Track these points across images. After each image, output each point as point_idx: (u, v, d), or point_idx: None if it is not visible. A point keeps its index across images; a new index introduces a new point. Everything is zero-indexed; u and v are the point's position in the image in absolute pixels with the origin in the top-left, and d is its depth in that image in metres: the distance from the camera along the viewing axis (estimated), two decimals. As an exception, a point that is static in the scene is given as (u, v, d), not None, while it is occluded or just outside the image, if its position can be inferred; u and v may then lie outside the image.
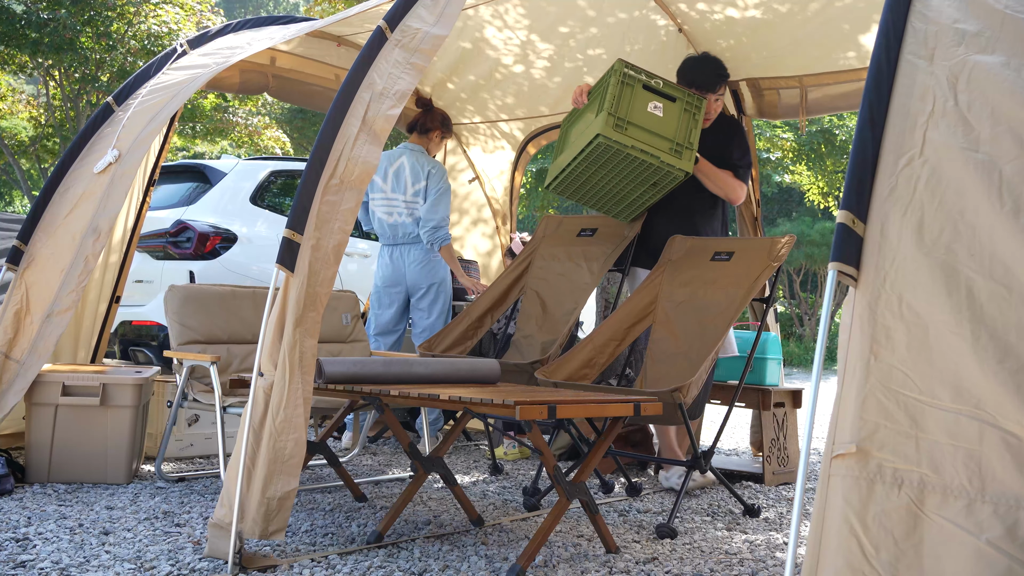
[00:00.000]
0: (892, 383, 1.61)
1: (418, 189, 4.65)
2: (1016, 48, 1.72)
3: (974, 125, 1.69)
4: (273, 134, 16.28)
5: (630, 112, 3.54)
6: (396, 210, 4.65)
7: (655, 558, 2.74)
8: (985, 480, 1.50)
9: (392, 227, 4.65)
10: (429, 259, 4.66)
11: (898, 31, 1.82)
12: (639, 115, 3.56)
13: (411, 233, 4.64)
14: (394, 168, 4.69)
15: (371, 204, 4.72)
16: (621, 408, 2.55)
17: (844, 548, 1.56)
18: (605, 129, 3.46)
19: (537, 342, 4.03)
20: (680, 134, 3.62)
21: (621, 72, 3.57)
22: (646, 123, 3.56)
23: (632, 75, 3.59)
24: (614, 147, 3.50)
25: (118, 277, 4.41)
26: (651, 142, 3.55)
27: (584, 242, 4.18)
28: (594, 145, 3.52)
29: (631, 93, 3.56)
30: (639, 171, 3.63)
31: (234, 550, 2.39)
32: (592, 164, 3.65)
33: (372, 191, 4.71)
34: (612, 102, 3.51)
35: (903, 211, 1.69)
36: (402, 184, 4.65)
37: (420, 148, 4.76)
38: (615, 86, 3.54)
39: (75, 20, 12.44)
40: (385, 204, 4.67)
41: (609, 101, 3.51)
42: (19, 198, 24.86)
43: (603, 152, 3.55)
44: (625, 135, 3.51)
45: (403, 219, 4.63)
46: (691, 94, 3.72)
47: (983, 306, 1.57)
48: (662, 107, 3.61)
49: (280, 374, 2.45)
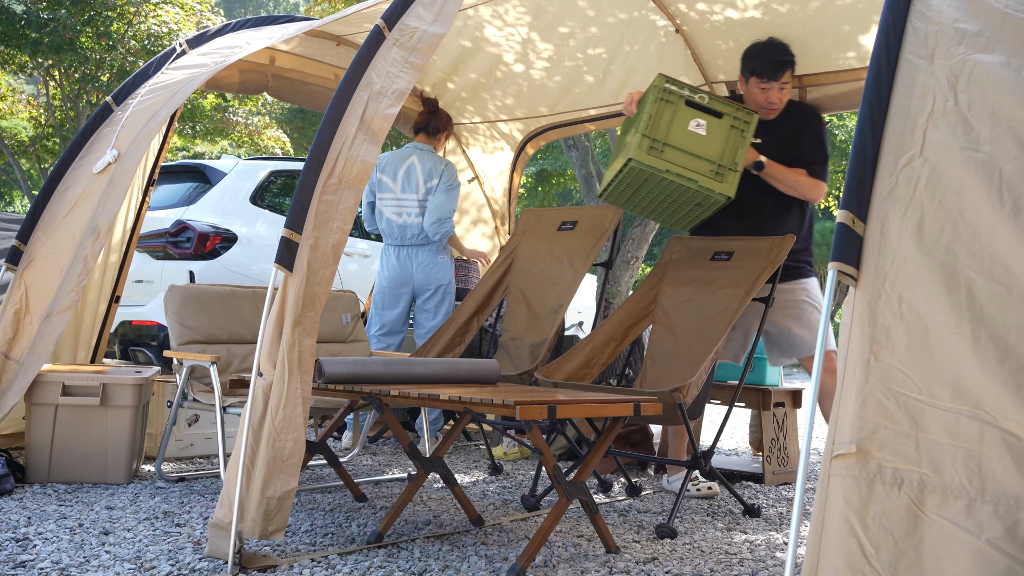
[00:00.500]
0: (892, 383, 1.61)
1: (431, 187, 4.65)
2: (1016, 48, 1.72)
3: (974, 125, 1.69)
4: (273, 134, 16.30)
5: (669, 132, 3.34)
6: (406, 210, 4.64)
7: (655, 558, 2.74)
8: (985, 480, 1.50)
9: (401, 228, 4.65)
10: (436, 261, 4.66)
11: (898, 31, 1.82)
12: (679, 135, 3.35)
13: (419, 234, 4.64)
14: (404, 168, 4.68)
15: (380, 204, 4.71)
16: (621, 408, 2.55)
17: (844, 548, 1.56)
18: (638, 153, 3.29)
19: (525, 344, 4.01)
20: (725, 154, 3.38)
21: (660, 88, 3.35)
22: (686, 144, 3.35)
23: (674, 91, 3.36)
24: (648, 171, 3.33)
25: (118, 277, 4.41)
26: (690, 165, 3.34)
27: (565, 237, 4.16)
28: (627, 169, 3.37)
29: (672, 111, 3.34)
30: (678, 193, 3.44)
31: (234, 550, 2.39)
32: (631, 185, 3.49)
33: (381, 191, 4.70)
34: (648, 122, 3.32)
35: (903, 211, 1.69)
36: (414, 184, 4.65)
37: (430, 148, 4.76)
38: (652, 104, 3.34)
39: (75, 20, 12.44)
40: (395, 205, 4.66)
41: (645, 121, 3.32)
42: (19, 198, 24.87)
43: (638, 175, 3.39)
44: (660, 158, 3.31)
45: (413, 219, 4.63)
46: (740, 108, 3.44)
47: (983, 306, 1.57)
48: (706, 124, 3.38)
49: (279, 374, 2.45)
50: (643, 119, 3.33)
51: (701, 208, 3.52)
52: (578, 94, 5.23)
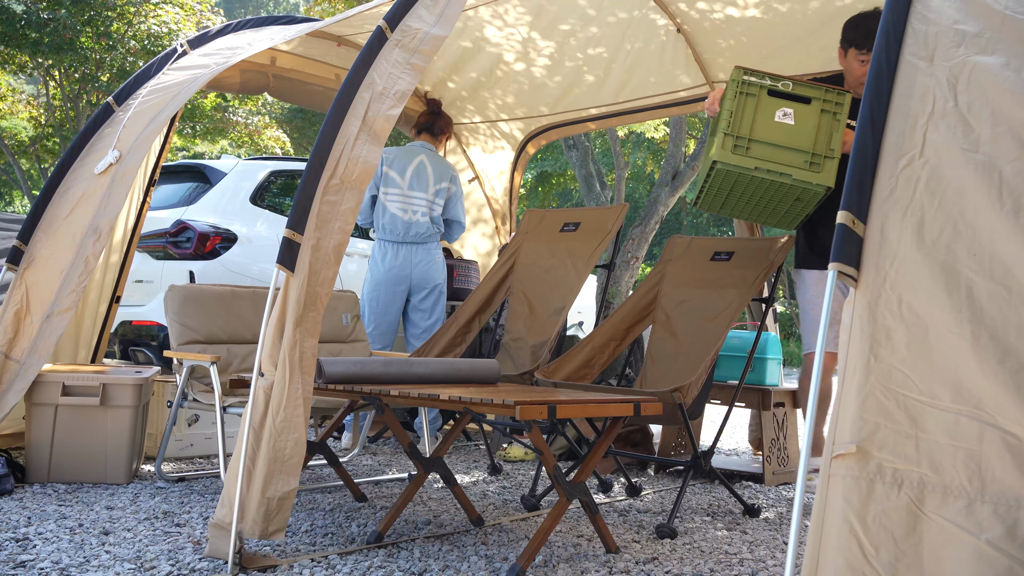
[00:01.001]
0: (892, 383, 1.61)
1: (440, 189, 4.66)
2: (1016, 49, 1.72)
3: (974, 126, 1.69)
4: (273, 134, 16.30)
5: (753, 127, 3.10)
6: (413, 207, 4.63)
7: (655, 558, 2.75)
8: (985, 480, 1.50)
9: (406, 224, 4.64)
10: (433, 259, 4.67)
11: (898, 32, 1.82)
12: (765, 128, 3.11)
13: (423, 233, 4.64)
14: (413, 166, 4.68)
15: (384, 199, 4.70)
16: (621, 408, 2.55)
17: (844, 548, 1.56)
18: (722, 154, 3.08)
19: (527, 345, 4.01)
20: (819, 142, 3.11)
21: (739, 82, 3.13)
22: (774, 136, 3.10)
23: (754, 82, 3.12)
24: (736, 172, 3.11)
25: (118, 277, 4.42)
26: (781, 159, 3.10)
27: (568, 238, 4.16)
28: (715, 172, 3.15)
29: (754, 104, 3.11)
30: (774, 190, 3.20)
31: (234, 550, 2.39)
32: (723, 189, 3.28)
33: (386, 186, 4.68)
34: (729, 119, 3.10)
35: (903, 211, 1.69)
36: (424, 183, 4.65)
37: (435, 148, 4.77)
38: (732, 100, 3.11)
39: (75, 20, 12.44)
40: (402, 201, 4.66)
41: (725, 120, 3.10)
42: (19, 198, 24.87)
43: (727, 177, 3.16)
44: (747, 156, 3.09)
45: (419, 218, 4.63)
46: (829, 90, 3.14)
47: (983, 306, 1.57)
48: (793, 113, 3.12)
49: (280, 374, 2.45)
50: (723, 118, 3.12)
51: (802, 203, 3.29)
52: (579, 94, 5.23)
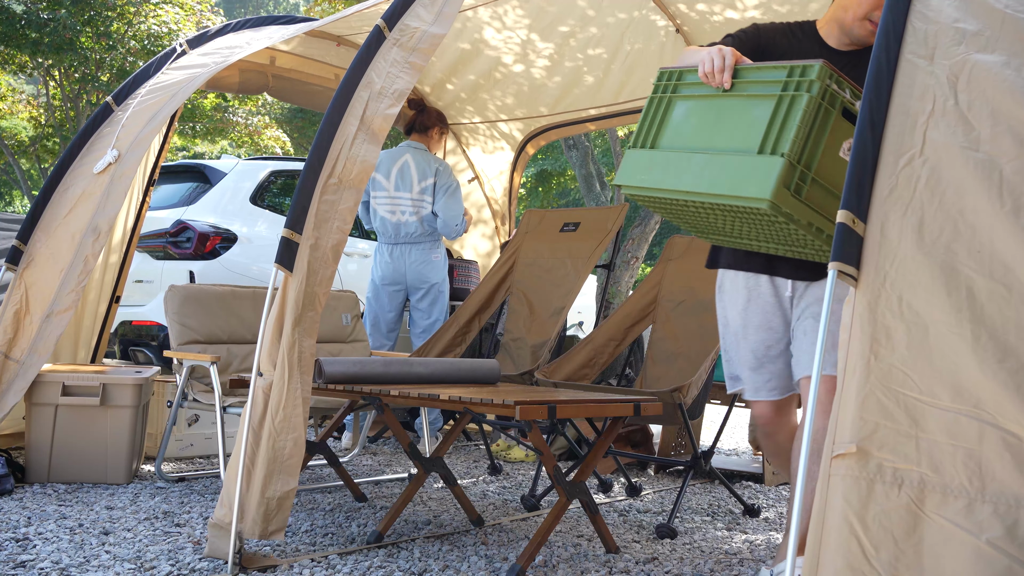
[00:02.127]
0: (892, 383, 1.61)
1: (425, 187, 4.65)
2: (1016, 48, 1.72)
3: (974, 125, 1.69)
4: (273, 134, 16.31)
5: (820, 159, 2.05)
6: (400, 208, 4.64)
7: (655, 558, 2.74)
8: (985, 480, 1.50)
9: (395, 226, 4.65)
10: (430, 259, 4.66)
11: (898, 31, 1.82)
12: (828, 166, 2.07)
13: (414, 233, 4.64)
14: (398, 167, 4.69)
15: (373, 203, 4.72)
16: (621, 408, 2.55)
17: (844, 548, 1.56)
18: (779, 195, 1.99)
19: (527, 345, 4.01)
20: None
21: (824, 83, 2.02)
22: (833, 179, 2.08)
23: (836, 92, 2.05)
24: (782, 219, 2.06)
25: (118, 277, 4.42)
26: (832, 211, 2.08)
27: (567, 238, 4.16)
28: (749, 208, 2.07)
29: (827, 124, 2.05)
30: (795, 237, 2.18)
31: (234, 550, 2.39)
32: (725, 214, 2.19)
33: (375, 189, 4.70)
34: (801, 140, 2.01)
35: (903, 211, 1.69)
36: (408, 182, 4.65)
37: (423, 146, 4.76)
38: (809, 111, 2.01)
39: (75, 20, 12.45)
40: (389, 203, 4.67)
41: (796, 139, 2.00)
42: (19, 198, 24.87)
43: (754, 214, 2.11)
44: (801, 202, 2.04)
45: (407, 218, 4.63)
46: None
47: (983, 306, 1.57)
48: None
49: (279, 374, 2.45)
50: (794, 134, 2.01)
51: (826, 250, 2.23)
52: (578, 94, 5.23)
